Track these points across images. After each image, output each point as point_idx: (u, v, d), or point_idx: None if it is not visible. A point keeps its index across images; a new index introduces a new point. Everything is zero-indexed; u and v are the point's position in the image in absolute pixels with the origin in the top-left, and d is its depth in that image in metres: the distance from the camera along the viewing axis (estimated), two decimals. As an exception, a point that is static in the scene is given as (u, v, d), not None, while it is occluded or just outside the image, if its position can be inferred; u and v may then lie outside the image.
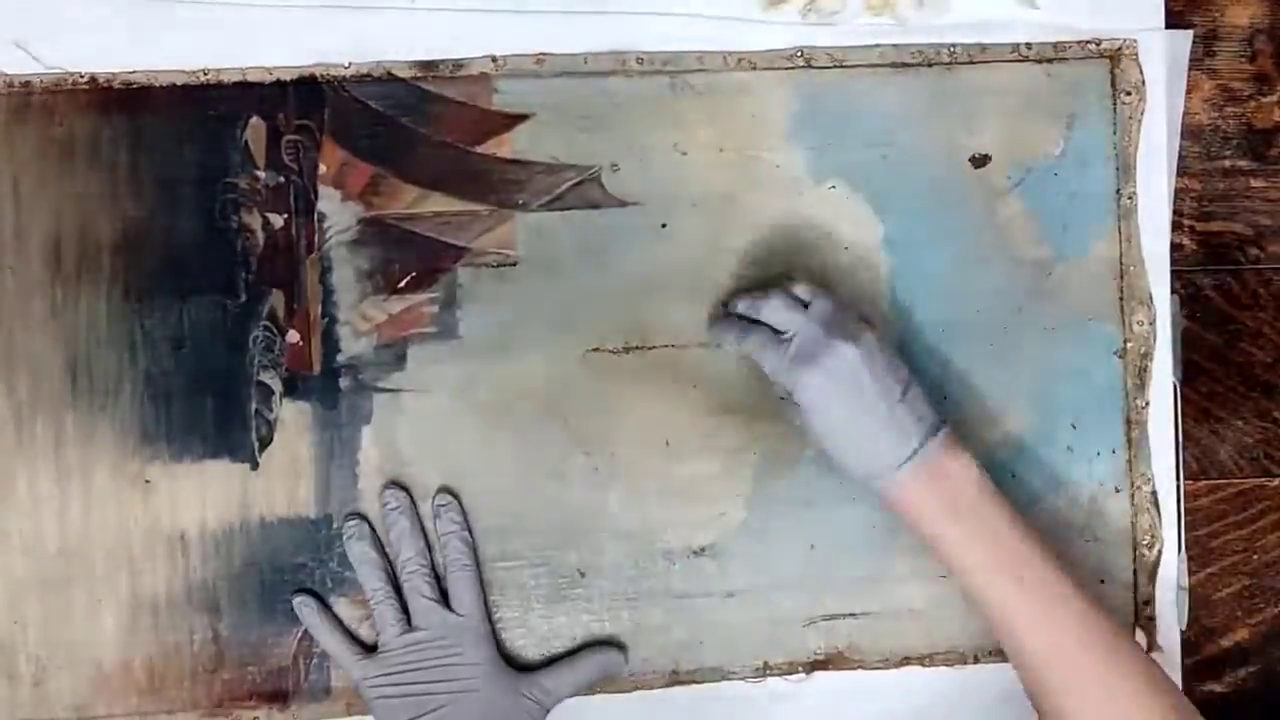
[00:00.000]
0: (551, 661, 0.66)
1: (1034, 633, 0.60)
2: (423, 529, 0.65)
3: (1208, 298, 0.71)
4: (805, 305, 0.62)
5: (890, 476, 0.60)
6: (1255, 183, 0.71)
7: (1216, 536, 0.71)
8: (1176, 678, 0.69)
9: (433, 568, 0.64)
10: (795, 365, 0.60)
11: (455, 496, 0.65)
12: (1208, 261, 0.71)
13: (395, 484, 0.65)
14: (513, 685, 0.63)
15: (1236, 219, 0.71)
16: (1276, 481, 0.71)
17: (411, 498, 0.65)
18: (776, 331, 0.61)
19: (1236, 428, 0.71)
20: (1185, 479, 0.70)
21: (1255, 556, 0.71)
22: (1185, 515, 0.69)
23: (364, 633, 0.65)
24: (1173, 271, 0.69)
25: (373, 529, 0.65)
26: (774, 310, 0.62)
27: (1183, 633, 0.69)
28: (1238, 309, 0.71)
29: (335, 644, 0.64)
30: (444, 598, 0.64)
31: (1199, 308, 0.71)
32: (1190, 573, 0.70)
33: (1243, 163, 0.71)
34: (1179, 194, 0.70)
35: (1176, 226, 0.69)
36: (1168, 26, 0.69)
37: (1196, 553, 0.70)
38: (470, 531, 0.65)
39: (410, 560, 0.64)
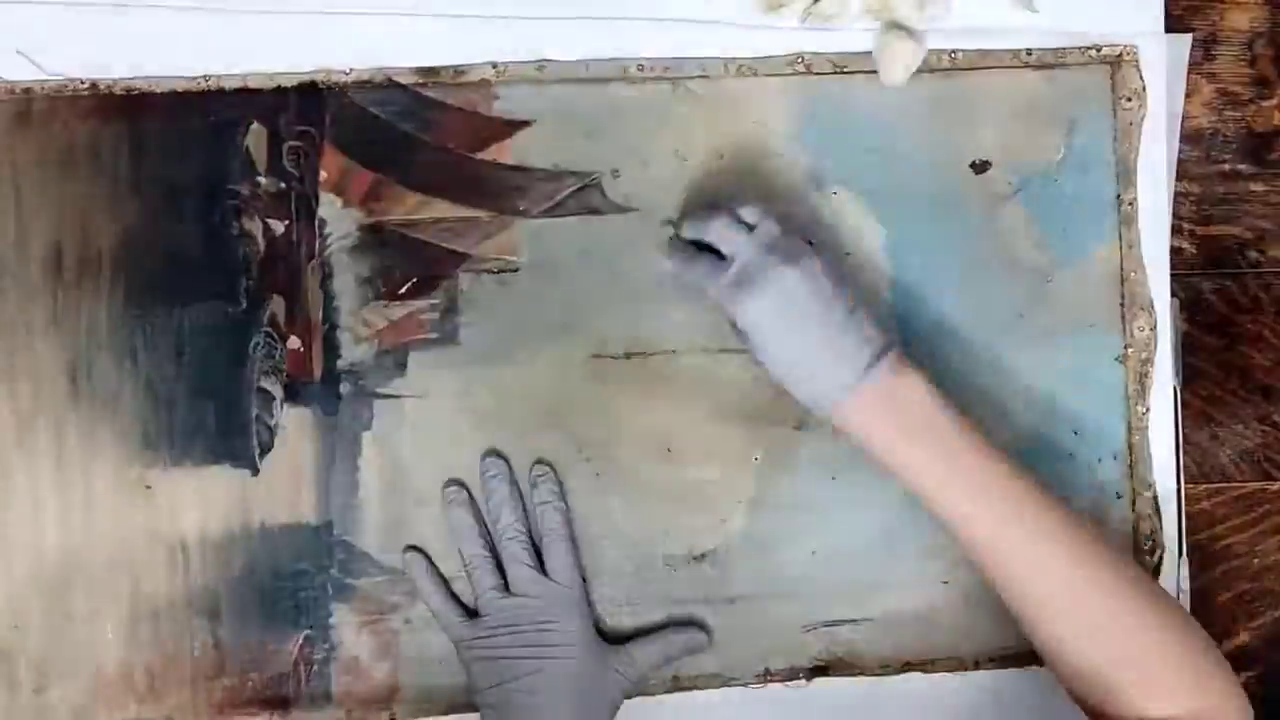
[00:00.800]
0: (638, 636, 0.66)
1: (1003, 549, 0.59)
2: (522, 499, 0.65)
3: (1207, 301, 0.71)
4: (751, 229, 0.60)
5: (838, 400, 0.59)
6: (1255, 186, 0.71)
7: (1217, 540, 0.71)
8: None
9: (530, 536, 0.65)
10: (736, 290, 0.59)
11: (551, 467, 0.65)
12: (1207, 265, 0.71)
13: (495, 453, 0.65)
14: (603, 656, 0.64)
15: (1236, 223, 0.71)
16: (1277, 485, 0.71)
17: (510, 467, 0.65)
18: (722, 257, 0.60)
19: (1237, 431, 0.71)
20: (1185, 483, 0.70)
21: (1256, 560, 0.71)
22: (1185, 519, 0.69)
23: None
24: (1172, 275, 0.69)
25: (471, 497, 0.65)
26: (717, 232, 0.61)
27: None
28: (1238, 313, 0.71)
29: (440, 603, 0.64)
30: (540, 566, 0.64)
31: (1199, 311, 0.71)
32: (1191, 577, 0.70)
33: (1242, 166, 0.71)
34: (1178, 198, 0.70)
35: (1176, 230, 0.69)
36: (1167, 30, 0.69)
37: (1197, 557, 0.70)
38: (566, 502, 0.65)
39: (509, 527, 0.64)
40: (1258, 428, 0.71)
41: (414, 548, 0.65)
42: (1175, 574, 0.69)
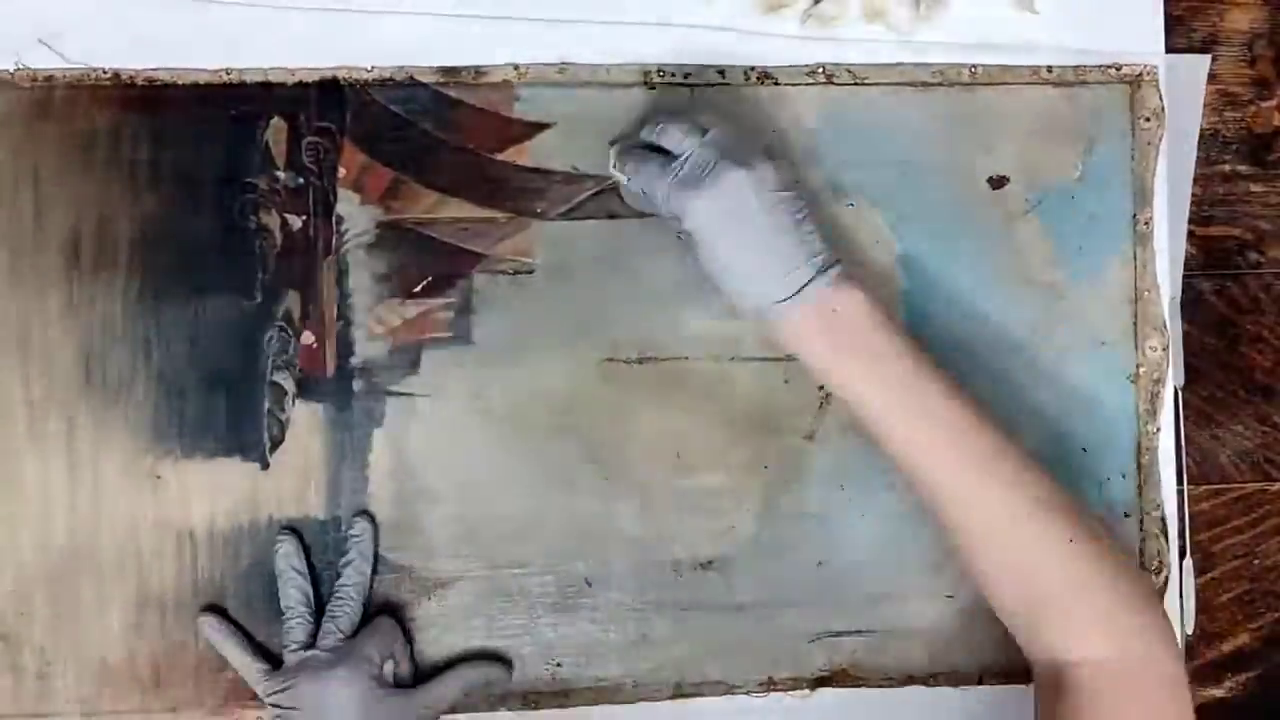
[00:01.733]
0: (438, 671, 0.65)
1: (936, 474, 0.58)
2: (376, 563, 0.65)
3: (1208, 302, 0.71)
4: (705, 133, 0.59)
5: (777, 313, 0.58)
6: (1255, 187, 0.71)
7: (1217, 541, 0.71)
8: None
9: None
10: (681, 189, 0.58)
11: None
12: (1208, 266, 0.71)
13: (366, 514, 0.65)
14: (399, 704, 0.62)
15: (1236, 223, 0.71)
16: (1277, 486, 0.71)
17: (376, 530, 0.65)
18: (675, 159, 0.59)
19: (1237, 432, 0.71)
20: (1186, 484, 0.69)
21: (1256, 561, 0.71)
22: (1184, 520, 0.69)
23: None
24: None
25: (303, 546, 0.64)
26: (673, 136, 0.60)
27: (1187, 637, 0.69)
28: (1238, 313, 0.71)
29: (239, 658, 0.63)
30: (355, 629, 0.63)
31: (1199, 312, 0.71)
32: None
33: (1242, 167, 0.71)
34: (1180, 198, 0.70)
35: (1177, 231, 0.70)
36: (1168, 32, 0.68)
37: (1197, 558, 0.70)
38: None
39: (347, 589, 0.63)
40: (1258, 428, 0.71)
41: (208, 609, 0.64)
42: (1178, 574, 0.69)
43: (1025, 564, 0.58)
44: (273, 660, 0.63)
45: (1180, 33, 0.69)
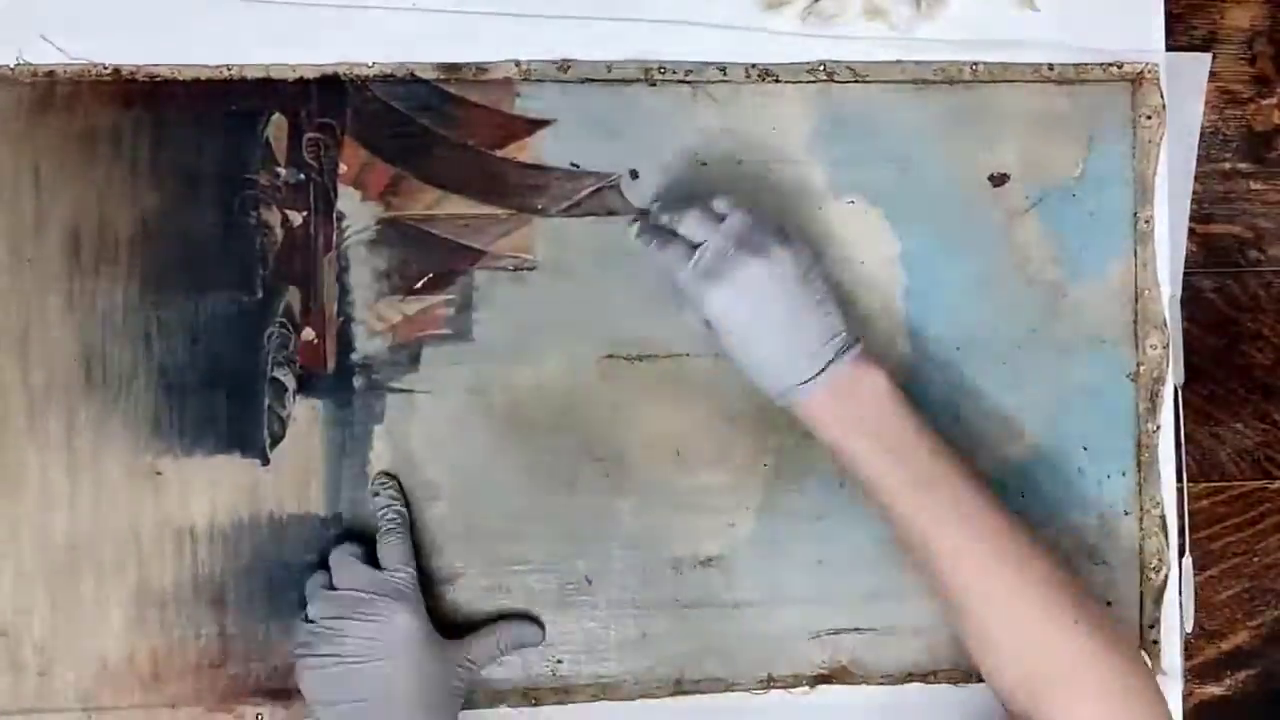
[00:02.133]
0: (473, 629, 0.65)
1: (948, 549, 0.59)
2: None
3: (1208, 300, 0.71)
4: (722, 219, 0.60)
5: (799, 394, 0.59)
6: (1255, 185, 0.71)
7: (1216, 539, 0.71)
8: (1178, 686, 0.69)
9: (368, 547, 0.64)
10: (702, 280, 0.59)
11: (395, 479, 0.65)
12: (1208, 264, 0.71)
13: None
14: (442, 653, 0.62)
15: (1236, 221, 0.71)
16: (1277, 484, 0.71)
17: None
18: (693, 247, 0.60)
19: (1236, 430, 0.71)
20: (1186, 482, 0.70)
21: (1256, 559, 0.71)
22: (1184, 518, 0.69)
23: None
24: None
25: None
26: (690, 223, 0.60)
27: (1188, 635, 0.69)
28: (1238, 311, 0.71)
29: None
30: (373, 564, 0.63)
31: (1199, 310, 0.71)
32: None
33: (1242, 165, 0.71)
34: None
35: (1178, 229, 0.70)
36: (1168, 30, 0.68)
37: (1197, 555, 0.71)
38: (408, 507, 0.65)
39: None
40: (1258, 426, 0.71)
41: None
42: (1177, 572, 0.69)
43: (1030, 642, 0.59)
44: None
45: (1180, 31, 0.69)
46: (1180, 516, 0.69)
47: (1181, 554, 0.69)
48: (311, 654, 0.60)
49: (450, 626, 0.65)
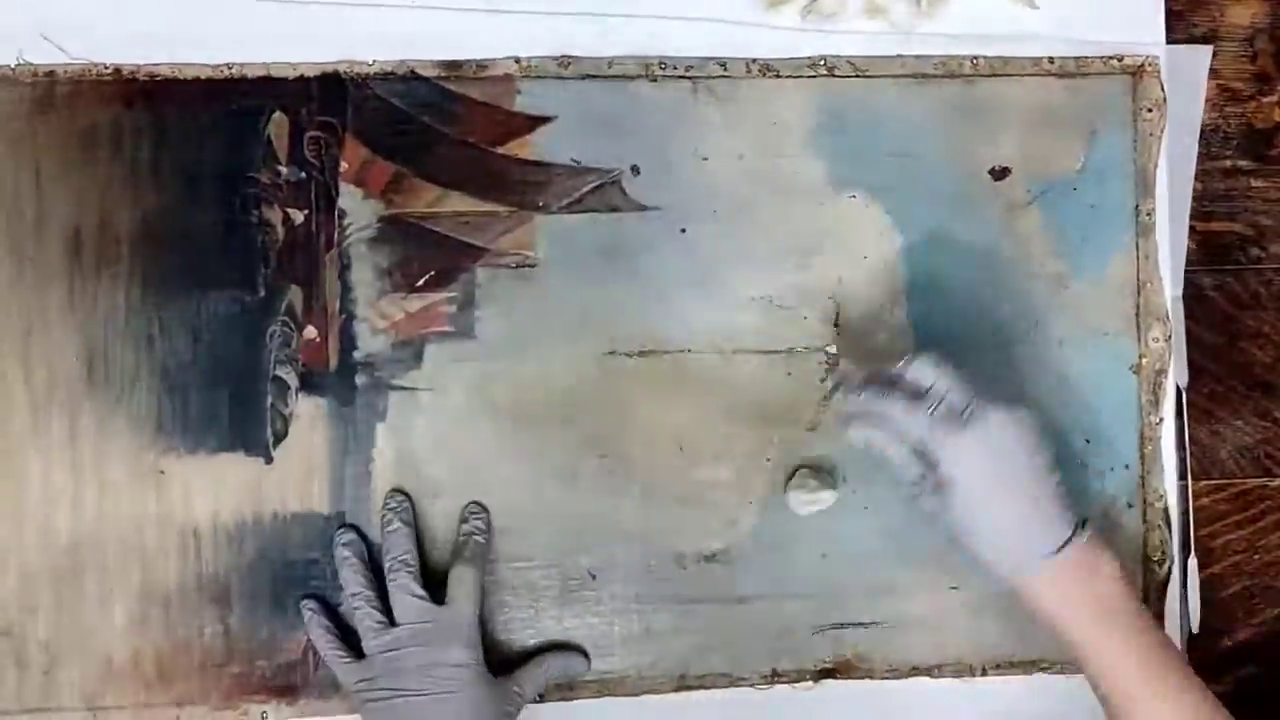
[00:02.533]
0: (520, 661, 0.65)
1: None
2: (418, 534, 0.64)
3: (1208, 298, 0.71)
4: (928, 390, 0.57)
5: (1037, 570, 0.56)
6: (1256, 182, 0.71)
7: (1217, 537, 0.71)
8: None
9: (422, 570, 0.63)
10: (940, 427, 0.55)
11: (486, 510, 0.65)
12: (1208, 261, 0.71)
13: (400, 491, 0.65)
14: (496, 690, 0.62)
15: (1237, 219, 0.71)
16: (1277, 482, 0.71)
17: (413, 504, 0.65)
18: (918, 396, 0.57)
19: (1237, 428, 0.71)
20: (1189, 480, 0.70)
21: (1257, 557, 0.71)
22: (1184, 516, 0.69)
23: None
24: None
25: (362, 537, 0.64)
26: (922, 369, 0.57)
27: (1193, 633, 0.69)
28: (1238, 309, 0.71)
29: (327, 646, 0.63)
30: (431, 597, 0.62)
31: (1199, 307, 0.71)
32: (1190, 574, 0.70)
33: (1243, 162, 0.71)
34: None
35: (1178, 227, 0.70)
36: (1169, 26, 0.69)
37: (1198, 553, 0.70)
38: (489, 539, 0.65)
39: (397, 558, 0.63)
40: (1258, 424, 0.71)
41: (310, 596, 0.64)
42: (1180, 570, 0.69)
43: None
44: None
45: (1180, 28, 0.69)
46: (1184, 515, 0.69)
47: (1186, 553, 0.69)
48: (373, 689, 0.60)
49: (487, 649, 0.64)
